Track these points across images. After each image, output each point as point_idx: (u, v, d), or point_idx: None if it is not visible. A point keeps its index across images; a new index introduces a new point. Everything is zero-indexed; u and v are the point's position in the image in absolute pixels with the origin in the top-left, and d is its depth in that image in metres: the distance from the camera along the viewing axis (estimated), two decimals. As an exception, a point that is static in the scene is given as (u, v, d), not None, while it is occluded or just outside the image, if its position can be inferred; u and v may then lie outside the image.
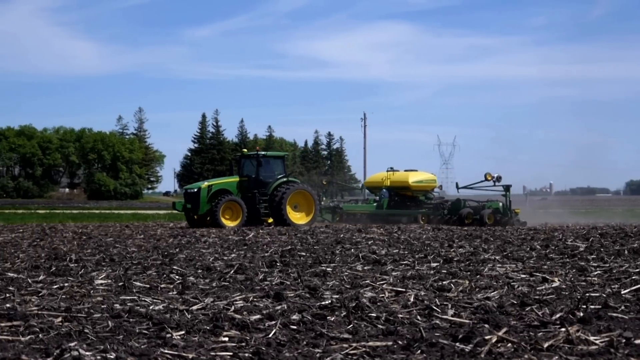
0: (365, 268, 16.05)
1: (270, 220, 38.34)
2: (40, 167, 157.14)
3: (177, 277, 14.44)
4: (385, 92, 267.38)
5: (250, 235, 28.18)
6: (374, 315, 9.86)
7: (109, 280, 13.90)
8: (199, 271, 15.49)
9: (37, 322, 9.38)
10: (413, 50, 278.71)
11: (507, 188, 42.93)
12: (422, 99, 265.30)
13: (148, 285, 13.19)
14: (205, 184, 39.22)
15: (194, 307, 10.62)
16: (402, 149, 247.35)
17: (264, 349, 7.90)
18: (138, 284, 13.37)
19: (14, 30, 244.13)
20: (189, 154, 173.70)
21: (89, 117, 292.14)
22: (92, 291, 12.48)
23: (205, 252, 20.35)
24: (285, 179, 39.42)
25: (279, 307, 10.52)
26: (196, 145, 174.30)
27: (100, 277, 14.36)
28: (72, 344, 7.99)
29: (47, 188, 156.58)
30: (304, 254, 19.37)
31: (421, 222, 43.70)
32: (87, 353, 7.65)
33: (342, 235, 27.76)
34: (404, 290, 12.26)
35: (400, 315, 9.87)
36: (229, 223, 37.22)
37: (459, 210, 42.50)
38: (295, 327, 9.17)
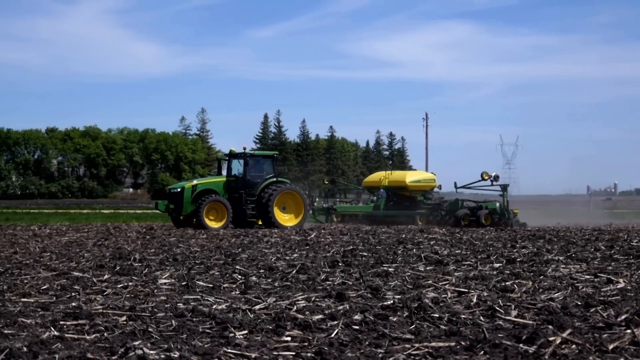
0: (428, 268, 16.00)
1: (261, 222, 37.50)
2: (105, 167, 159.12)
3: (239, 276, 14.51)
4: (447, 92, 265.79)
5: (312, 236, 28.22)
6: (437, 315, 9.82)
7: (173, 280, 14.02)
8: (261, 271, 15.55)
9: (102, 320, 9.50)
10: (475, 50, 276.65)
11: (504, 188, 41.66)
12: (484, 99, 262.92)
13: (211, 285, 13.27)
14: (189, 183, 38.29)
15: (257, 307, 10.66)
16: (464, 148, 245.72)
17: (326, 348, 7.91)
18: (201, 283, 13.46)
19: (79, 32, 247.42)
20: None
21: (153, 117, 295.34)
22: (155, 290, 12.59)
23: (267, 252, 20.42)
24: (274, 179, 38.12)
25: (341, 307, 10.52)
26: (258, 145, 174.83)
27: (163, 277, 14.47)
28: (136, 343, 8.09)
29: (111, 188, 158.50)
30: (365, 254, 19.35)
31: (419, 223, 42.64)
32: (151, 352, 7.73)
33: (403, 236, 27.69)
34: (466, 290, 12.20)
35: (463, 316, 9.82)
36: (214, 224, 36.22)
37: (456, 211, 41.29)
38: (357, 327, 9.17)
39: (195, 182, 38.40)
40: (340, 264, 16.82)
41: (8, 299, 11.65)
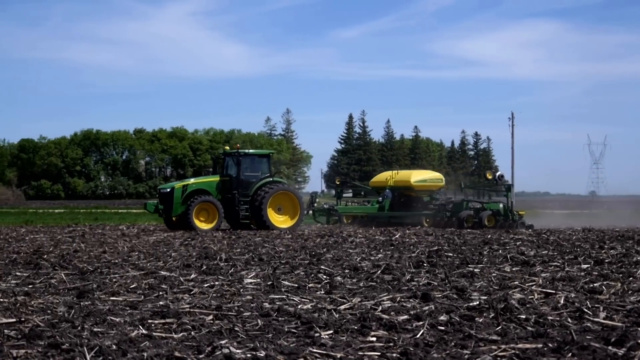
0: (514, 269, 15.85)
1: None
2: (191, 167, 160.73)
3: (324, 276, 14.55)
4: (534, 91, 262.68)
5: (397, 236, 28.16)
6: (523, 317, 9.73)
7: (258, 280, 14.11)
8: (346, 271, 15.56)
9: (189, 319, 9.61)
10: (562, 48, 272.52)
11: (508, 188, 39.90)
12: (571, 98, 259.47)
13: (296, 285, 13.33)
14: (180, 183, 36.72)
15: (342, 307, 10.68)
16: (551, 148, 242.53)
17: (411, 349, 7.89)
18: (286, 283, 13.53)
19: (166, 34, 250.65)
20: (336, 155, 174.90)
21: (239, 118, 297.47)
22: (241, 290, 12.69)
23: (352, 252, 20.42)
24: (269, 179, 36.54)
25: (426, 308, 10.49)
26: (343, 145, 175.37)
27: (249, 276, 14.58)
28: (223, 342, 8.17)
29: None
30: (451, 254, 19.25)
31: (425, 224, 40.44)
32: (238, 351, 7.80)
33: (489, 236, 27.49)
34: (553, 292, 12.06)
35: (550, 318, 9.71)
36: (204, 226, 34.75)
37: (459, 212, 39.49)
38: (443, 327, 9.13)
39: (187, 181, 37.17)
40: (425, 265, 16.75)
41: (98, 297, 11.86)
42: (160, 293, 12.34)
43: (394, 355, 7.77)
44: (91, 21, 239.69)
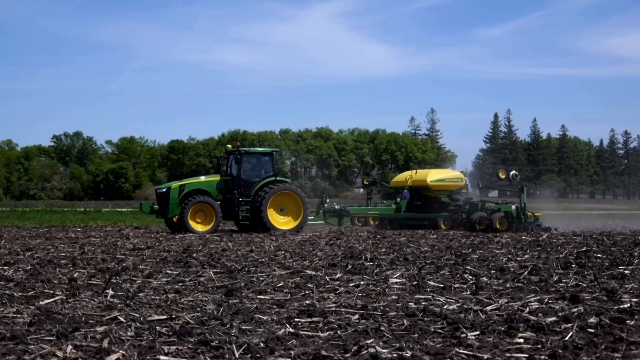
0: (666, 271, 15.42)
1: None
2: (336, 167, 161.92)
3: (470, 277, 14.44)
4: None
5: (544, 236, 27.76)
6: (677, 320, 9.46)
7: (403, 279, 14.10)
8: (492, 271, 15.42)
9: (335, 318, 9.67)
10: None
11: (521, 188, 37.12)
12: None
13: (442, 285, 13.26)
14: (176, 183, 34.89)
15: (488, 308, 10.58)
16: None
17: (560, 351, 7.76)
18: (432, 283, 13.48)
19: (311, 36, 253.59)
20: (481, 154, 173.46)
21: (383, 118, 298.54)
22: (387, 290, 12.70)
23: (498, 252, 20.22)
24: (272, 179, 34.89)
25: (575, 310, 10.30)
26: (488, 145, 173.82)
27: (394, 276, 14.58)
28: (369, 341, 8.20)
29: (342, 188, 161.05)
30: (600, 255, 18.86)
31: (443, 226, 38.78)
32: (384, 350, 7.81)
33: (639, 238, 26.84)
34: None
35: None
36: (200, 227, 33.14)
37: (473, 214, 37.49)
38: (592, 330, 8.95)
39: (184, 181, 35.45)
40: (573, 266, 16.46)
41: (245, 295, 12.05)
42: (307, 292, 12.46)
43: (542, 357, 7.66)
44: (238, 24, 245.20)
